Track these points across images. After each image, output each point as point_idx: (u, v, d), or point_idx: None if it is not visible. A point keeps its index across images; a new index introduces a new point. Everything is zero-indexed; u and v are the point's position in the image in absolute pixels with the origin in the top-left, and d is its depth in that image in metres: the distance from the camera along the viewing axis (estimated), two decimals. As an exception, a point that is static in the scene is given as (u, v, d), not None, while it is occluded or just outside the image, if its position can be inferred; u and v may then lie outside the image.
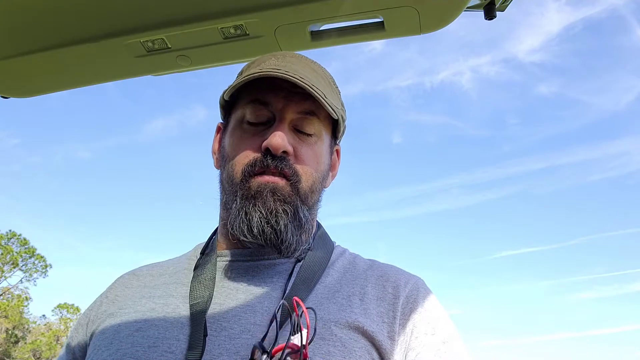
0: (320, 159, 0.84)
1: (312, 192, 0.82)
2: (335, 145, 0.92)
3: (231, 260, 0.84)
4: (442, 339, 0.74)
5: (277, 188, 0.78)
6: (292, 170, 0.79)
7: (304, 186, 0.80)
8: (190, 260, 0.88)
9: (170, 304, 0.80)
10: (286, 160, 0.79)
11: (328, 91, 0.84)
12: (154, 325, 0.76)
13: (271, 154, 0.78)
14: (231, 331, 0.73)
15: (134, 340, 0.74)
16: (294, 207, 0.78)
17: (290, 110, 0.81)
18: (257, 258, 0.83)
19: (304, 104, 0.81)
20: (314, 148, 0.83)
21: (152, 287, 0.86)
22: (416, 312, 0.77)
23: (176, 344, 0.72)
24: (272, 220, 0.77)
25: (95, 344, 0.79)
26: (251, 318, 0.74)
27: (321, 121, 0.84)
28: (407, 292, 0.79)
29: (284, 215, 0.77)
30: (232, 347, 0.71)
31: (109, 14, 0.93)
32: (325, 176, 0.87)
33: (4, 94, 1.15)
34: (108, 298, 0.88)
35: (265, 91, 0.83)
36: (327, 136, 0.87)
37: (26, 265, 29.40)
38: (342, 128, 0.90)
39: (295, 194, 0.79)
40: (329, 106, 0.79)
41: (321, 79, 0.85)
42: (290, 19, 0.92)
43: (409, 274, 0.85)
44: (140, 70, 1.06)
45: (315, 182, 0.83)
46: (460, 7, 0.87)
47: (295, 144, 0.81)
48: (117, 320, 0.80)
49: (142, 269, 0.93)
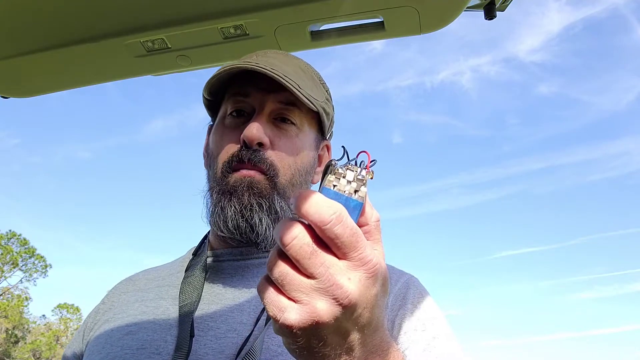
0: (301, 151, 0.84)
1: (293, 185, 0.82)
2: (324, 141, 0.91)
3: (221, 260, 0.84)
4: (433, 334, 0.73)
5: (253, 182, 0.78)
6: (267, 165, 0.79)
7: (281, 179, 0.80)
8: (183, 263, 0.89)
9: (160, 307, 0.80)
10: (261, 154, 0.78)
11: (308, 84, 0.83)
12: (143, 328, 0.77)
13: (247, 146, 0.78)
14: (217, 331, 0.74)
15: (124, 343, 0.75)
16: (269, 200, 0.78)
17: (269, 101, 0.81)
18: (247, 257, 0.83)
19: (283, 95, 0.81)
20: (293, 140, 0.83)
21: (145, 290, 0.87)
22: (406, 308, 0.77)
23: (163, 345, 0.73)
24: (246, 214, 0.77)
25: (90, 349, 0.81)
26: (238, 317, 0.75)
27: (303, 114, 0.84)
28: (397, 288, 0.79)
29: (258, 209, 0.77)
30: (218, 346, 0.72)
31: (109, 14, 0.93)
32: (309, 170, 0.86)
33: (4, 94, 1.15)
34: (105, 305, 0.89)
35: (245, 84, 0.83)
36: (310, 130, 0.86)
37: (26, 265, 29.41)
38: (329, 122, 0.90)
39: (272, 188, 0.79)
40: (303, 97, 0.78)
41: (302, 73, 0.85)
42: (290, 19, 0.92)
43: (401, 271, 0.85)
44: (140, 70, 1.06)
45: (295, 174, 0.82)
46: (460, 7, 0.87)
47: (274, 136, 0.81)
48: (110, 325, 0.81)
49: (138, 274, 0.95)
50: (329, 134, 0.92)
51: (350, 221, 0.41)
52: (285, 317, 0.41)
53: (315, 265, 0.41)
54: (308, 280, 0.41)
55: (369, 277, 0.42)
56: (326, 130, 0.89)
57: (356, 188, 0.44)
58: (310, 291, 0.41)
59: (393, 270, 0.84)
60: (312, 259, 0.41)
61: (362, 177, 0.44)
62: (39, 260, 29.49)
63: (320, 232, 0.41)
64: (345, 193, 0.43)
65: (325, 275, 0.41)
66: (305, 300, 0.41)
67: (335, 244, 0.41)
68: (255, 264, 0.83)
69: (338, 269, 0.41)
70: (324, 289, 0.41)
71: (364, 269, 0.42)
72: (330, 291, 0.41)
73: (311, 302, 0.41)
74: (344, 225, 0.41)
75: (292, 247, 0.41)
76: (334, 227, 0.40)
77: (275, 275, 0.42)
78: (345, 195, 0.43)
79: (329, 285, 0.41)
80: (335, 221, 0.40)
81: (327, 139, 0.92)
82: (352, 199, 0.43)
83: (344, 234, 0.41)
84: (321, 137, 0.90)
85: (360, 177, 0.44)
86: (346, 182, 0.44)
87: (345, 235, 0.41)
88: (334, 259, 0.42)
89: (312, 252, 0.41)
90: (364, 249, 0.42)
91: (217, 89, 0.86)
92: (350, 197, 0.43)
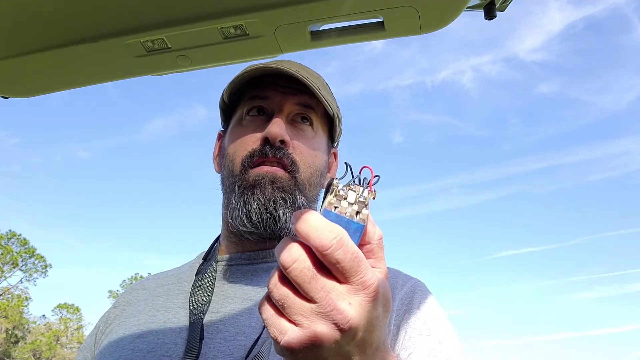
0: (318, 152, 0.85)
1: (310, 185, 0.83)
2: (333, 148, 0.92)
3: (231, 264, 0.85)
4: (438, 339, 0.74)
5: (276, 177, 0.79)
6: (290, 160, 0.80)
7: (302, 176, 0.81)
8: (193, 267, 0.90)
9: (170, 311, 0.81)
10: (284, 150, 0.79)
11: (323, 89, 0.85)
12: (154, 331, 0.78)
13: (269, 143, 0.79)
14: (226, 334, 0.74)
15: (135, 346, 0.76)
16: (292, 195, 0.78)
17: (288, 103, 0.83)
18: (256, 261, 0.84)
19: (301, 97, 0.82)
20: (311, 141, 0.84)
21: (156, 296, 0.88)
22: (411, 312, 0.77)
23: (174, 348, 0.74)
24: (270, 207, 0.78)
25: (101, 352, 0.81)
26: (247, 320, 0.75)
27: (318, 117, 0.85)
28: (403, 293, 0.80)
29: (282, 203, 0.78)
30: (227, 349, 0.72)
31: (109, 14, 0.93)
32: (323, 173, 0.87)
33: (4, 94, 1.15)
34: (117, 309, 0.91)
35: (263, 88, 0.84)
36: (324, 134, 0.87)
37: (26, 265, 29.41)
38: (339, 130, 0.91)
39: (293, 184, 0.80)
40: (324, 99, 0.79)
41: (316, 79, 0.86)
42: (290, 19, 0.92)
43: (407, 276, 0.85)
44: (140, 70, 1.06)
45: (313, 174, 0.83)
46: (460, 7, 0.87)
47: (293, 136, 0.82)
48: (121, 329, 0.82)
49: (148, 279, 0.96)
50: (337, 142, 0.93)
51: (352, 245, 0.41)
52: (286, 340, 0.41)
53: (316, 290, 0.41)
54: (309, 304, 0.41)
55: (370, 300, 0.42)
56: (336, 137, 0.91)
57: (358, 210, 0.43)
58: (311, 315, 0.41)
59: (399, 274, 0.85)
60: (313, 284, 0.41)
61: (363, 198, 0.43)
62: (39, 260, 29.49)
63: (321, 256, 0.41)
64: (346, 215, 0.43)
65: (326, 300, 0.41)
66: (306, 324, 0.41)
67: (337, 269, 0.41)
68: (264, 268, 0.84)
69: (339, 293, 0.41)
70: (325, 313, 0.41)
71: (364, 293, 0.42)
72: (331, 316, 0.41)
73: (312, 326, 0.41)
74: (345, 250, 0.41)
75: (292, 271, 0.41)
76: (335, 253, 0.40)
77: (276, 298, 0.42)
78: (346, 217, 0.43)
79: (329, 310, 0.41)
80: (336, 246, 0.40)
81: (334, 146, 0.93)
82: (353, 222, 0.43)
83: (344, 259, 0.41)
84: (331, 144, 0.91)
85: (362, 198, 0.43)
86: (347, 204, 0.43)
87: (347, 260, 0.41)
88: (334, 283, 0.42)
89: (313, 276, 0.41)
90: (365, 273, 0.42)
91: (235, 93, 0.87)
92: (351, 219, 0.43)
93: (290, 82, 0.81)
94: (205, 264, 0.87)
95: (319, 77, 0.90)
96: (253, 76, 0.83)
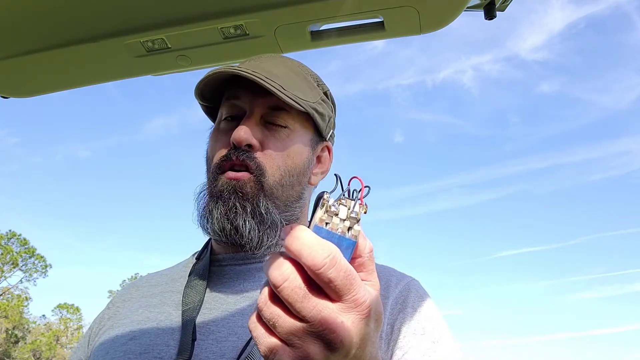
0: (293, 152, 0.84)
1: (282, 186, 0.82)
2: (324, 142, 0.90)
3: (224, 264, 0.85)
4: (433, 339, 0.73)
5: (238, 185, 0.78)
6: (255, 164, 0.79)
7: (269, 180, 0.80)
8: (186, 267, 0.89)
9: (163, 312, 0.81)
10: (248, 153, 0.79)
11: (298, 86, 0.83)
12: (146, 333, 0.78)
13: (236, 147, 0.79)
14: (218, 334, 0.74)
15: (127, 348, 0.76)
16: (254, 203, 0.78)
17: (259, 104, 0.82)
18: (248, 262, 0.84)
19: (271, 99, 0.81)
20: (284, 141, 0.83)
21: (150, 296, 0.87)
22: (406, 312, 0.76)
23: (166, 349, 0.74)
24: (231, 216, 0.77)
25: (94, 354, 0.81)
26: (239, 321, 0.75)
27: (293, 115, 0.84)
28: (397, 292, 0.79)
29: (242, 212, 0.77)
30: (219, 350, 0.72)
31: (109, 14, 0.93)
32: (302, 171, 0.85)
33: (4, 94, 1.15)
34: (110, 310, 0.90)
35: (237, 88, 0.83)
36: (305, 131, 0.86)
37: (26, 265, 29.42)
38: (327, 124, 0.89)
39: (258, 188, 0.79)
40: (288, 98, 0.78)
41: (293, 75, 0.85)
42: (290, 19, 0.92)
43: (402, 274, 0.84)
44: (140, 70, 1.06)
45: (285, 175, 0.82)
46: (460, 7, 0.87)
47: (264, 138, 0.81)
48: (114, 331, 0.82)
49: (141, 279, 0.95)
50: (328, 135, 0.92)
51: (344, 263, 0.40)
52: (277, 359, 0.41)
53: (308, 309, 0.40)
54: (300, 323, 0.40)
55: (363, 318, 0.41)
56: (323, 131, 0.89)
57: (350, 225, 0.42)
58: (303, 334, 0.40)
59: (393, 272, 0.84)
60: (304, 303, 0.40)
61: (355, 214, 0.42)
62: (39, 260, 29.51)
63: (313, 275, 0.40)
64: (338, 232, 0.42)
65: (318, 319, 0.40)
66: (298, 344, 0.40)
67: (329, 287, 0.40)
68: (257, 268, 0.83)
69: (331, 311, 0.40)
70: (317, 333, 0.40)
71: (357, 311, 0.41)
72: (323, 335, 0.40)
73: (303, 345, 0.40)
74: (338, 269, 0.40)
75: (283, 290, 0.40)
76: (328, 272, 0.39)
77: (266, 317, 0.41)
78: (338, 234, 0.42)
79: (321, 329, 0.40)
80: (328, 265, 0.39)
81: (326, 139, 0.91)
82: (345, 238, 0.42)
83: (337, 278, 0.40)
84: (319, 138, 0.89)
85: (354, 214, 0.42)
86: (339, 220, 0.42)
87: (339, 278, 0.40)
88: (326, 302, 0.41)
89: (304, 295, 0.40)
90: (357, 291, 0.41)
91: (212, 94, 0.86)
92: (343, 235, 0.42)
93: None
94: (198, 264, 0.87)
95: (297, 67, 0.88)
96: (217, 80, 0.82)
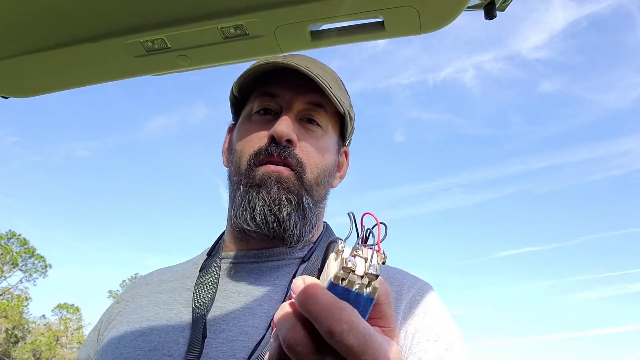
0: (326, 152, 0.84)
1: (318, 185, 0.82)
2: (344, 146, 0.91)
3: (235, 262, 0.84)
4: (446, 345, 0.72)
5: (281, 177, 0.78)
6: (296, 160, 0.79)
7: (308, 177, 0.80)
8: (197, 264, 0.89)
9: (173, 309, 0.80)
10: (290, 150, 0.78)
11: (335, 87, 0.84)
12: (156, 329, 0.77)
13: (276, 142, 0.78)
14: (229, 333, 0.73)
15: (136, 344, 0.75)
16: (298, 196, 0.78)
17: (298, 101, 0.82)
18: (262, 260, 0.83)
19: (312, 96, 0.81)
20: (319, 141, 0.83)
21: (159, 292, 0.87)
22: (419, 316, 0.76)
23: (175, 347, 0.73)
24: (274, 208, 0.76)
25: (103, 349, 0.80)
26: (250, 320, 0.75)
27: (329, 116, 0.84)
28: (410, 296, 0.78)
29: (287, 204, 0.77)
30: (229, 349, 0.72)
31: (109, 14, 0.93)
32: (331, 172, 0.86)
33: (4, 94, 1.15)
34: (120, 304, 0.90)
35: (273, 84, 0.83)
36: (334, 133, 0.86)
37: (26, 265, 29.40)
38: (350, 128, 0.90)
39: (299, 184, 0.79)
40: (334, 98, 0.79)
41: (329, 76, 0.85)
42: (290, 19, 0.92)
43: (415, 277, 0.84)
44: (140, 70, 1.06)
45: (321, 174, 0.82)
46: (461, 7, 0.87)
47: (301, 135, 0.81)
48: (124, 326, 0.81)
49: (152, 274, 0.95)
50: (348, 140, 0.92)
51: (363, 326, 0.37)
52: None
53: None
54: None
55: None
56: (347, 135, 0.90)
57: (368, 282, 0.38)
58: None
59: (406, 276, 0.83)
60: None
61: (374, 269, 0.38)
62: (38, 260, 29.49)
63: (329, 339, 0.37)
64: (355, 289, 0.38)
65: None
66: None
67: (346, 352, 0.37)
68: (270, 266, 0.83)
69: None
70: None
71: None
72: None
73: None
74: (356, 335, 0.37)
75: (296, 355, 0.38)
76: (346, 339, 0.36)
77: None
78: (355, 291, 0.38)
79: None
80: (346, 332, 0.36)
81: (346, 145, 0.92)
82: (363, 296, 0.38)
83: (355, 345, 0.37)
84: (341, 143, 0.90)
85: (372, 269, 0.38)
86: (357, 277, 0.38)
87: (357, 345, 0.37)
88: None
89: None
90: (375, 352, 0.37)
91: (245, 87, 0.86)
92: (361, 293, 0.38)
93: (301, 78, 0.80)
94: (209, 260, 0.86)
95: (332, 72, 0.88)
96: (264, 71, 0.82)
